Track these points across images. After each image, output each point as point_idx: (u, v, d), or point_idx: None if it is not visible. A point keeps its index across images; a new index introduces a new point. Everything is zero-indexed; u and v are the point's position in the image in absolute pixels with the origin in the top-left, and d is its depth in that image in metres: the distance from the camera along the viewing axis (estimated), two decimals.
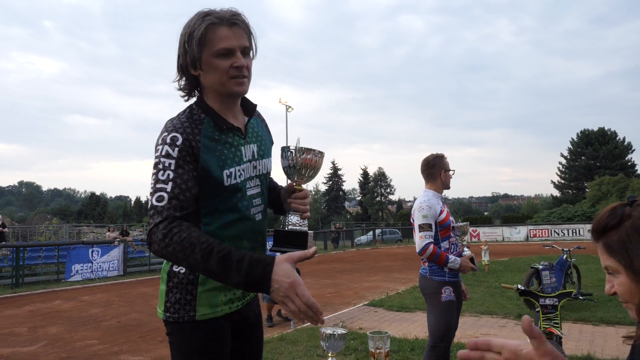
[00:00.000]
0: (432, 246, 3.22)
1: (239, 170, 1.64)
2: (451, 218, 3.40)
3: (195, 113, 1.62)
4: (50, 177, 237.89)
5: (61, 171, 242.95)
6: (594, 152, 52.79)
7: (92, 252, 14.25)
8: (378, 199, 63.76)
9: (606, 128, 54.07)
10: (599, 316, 6.90)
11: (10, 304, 9.94)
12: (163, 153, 1.52)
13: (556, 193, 57.54)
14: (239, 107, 1.74)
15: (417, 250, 3.27)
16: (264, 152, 1.79)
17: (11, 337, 6.98)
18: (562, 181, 56.20)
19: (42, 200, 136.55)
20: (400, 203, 73.39)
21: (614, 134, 53.52)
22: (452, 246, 3.36)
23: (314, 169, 1.71)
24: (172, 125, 1.57)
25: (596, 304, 7.21)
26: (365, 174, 65.38)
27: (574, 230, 31.12)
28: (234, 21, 1.58)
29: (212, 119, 1.62)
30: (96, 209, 70.57)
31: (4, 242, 16.33)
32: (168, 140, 1.53)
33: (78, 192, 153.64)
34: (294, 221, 1.70)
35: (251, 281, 1.30)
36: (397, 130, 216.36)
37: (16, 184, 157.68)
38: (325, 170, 66.39)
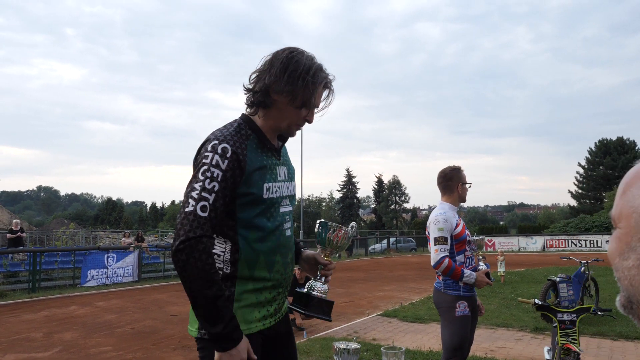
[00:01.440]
0: (447, 260, 3.18)
1: (275, 187, 1.74)
2: (467, 231, 3.36)
3: (243, 129, 1.72)
4: (68, 182, 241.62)
5: (79, 176, 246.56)
6: (612, 162, 52.00)
7: (108, 257, 14.37)
8: (392, 207, 63.51)
9: (625, 137, 53.34)
10: (617, 331, 6.75)
11: (27, 309, 10.06)
12: (213, 162, 1.58)
13: (573, 203, 56.76)
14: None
15: (432, 264, 3.24)
16: (291, 175, 1.92)
17: (27, 342, 7.06)
18: (580, 191, 55.43)
19: (59, 205, 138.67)
20: (414, 211, 72.99)
21: (633, 143, 52.71)
22: (468, 260, 3.31)
23: (346, 242, 1.95)
24: (222, 136, 1.65)
25: (615, 319, 7.05)
26: (379, 181, 65.22)
27: (592, 241, 30.57)
28: (329, 87, 1.78)
29: (257, 136, 1.73)
30: (112, 214, 71.44)
31: (21, 247, 16.58)
32: (219, 150, 1.60)
33: (95, 197, 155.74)
34: (322, 289, 1.91)
35: (222, 337, 1.53)
36: (413, 137, 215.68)
37: (35, 188, 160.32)
38: (339, 178, 66.32)
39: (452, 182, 3.43)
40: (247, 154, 1.65)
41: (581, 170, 55.54)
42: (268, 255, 1.71)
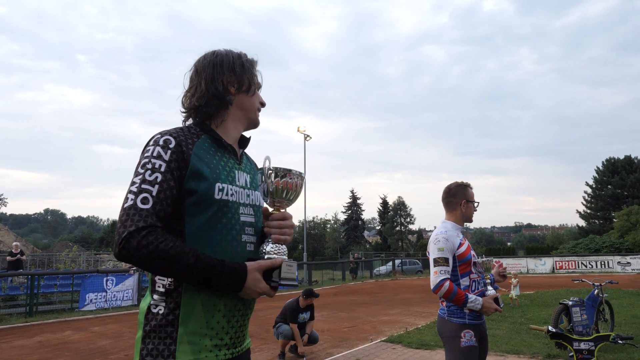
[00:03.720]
0: (447, 282, 2.88)
1: (231, 189, 1.53)
2: (472, 252, 3.07)
3: (193, 129, 1.56)
4: (76, 204, 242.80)
5: (86, 199, 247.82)
6: (620, 181, 51.40)
7: (107, 281, 14.10)
8: (398, 228, 62.92)
9: (633, 156, 52.81)
10: (637, 359, 6.37)
11: (22, 334, 9.77)
12: (154, 154, 1.44)
13: (582, 223, 55.92)
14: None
15: (432, 287, 2.93)
16: (256, 185, 1.69)
17: None
18: (588, 211, 54.67)
19: (66, 228, 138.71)
20: (420, 233, 72.37)
21: None
22: (474, 283, 3.01)
23: (294, 192, 1.58)
24: (166, 131, 1.52)
25: (637, 347, 6.67)
26: (384, 203, 64.77)
27: (603, 262, 29.94)
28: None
29: (210, 136, 1.57)
30: None
31: (20, 270, 16.32)
32: (161, 142, 1.46)
33: (101, 219, 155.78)
34: (267, 250, 1.53)
35: (229, 286, 1.41)
36: (418, 159, 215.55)
37: (42, 211, 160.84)
38: (344, 199, 65.97)
39: (455, 198, 3.16)
40: (193, 148, 1.48)
41: (589, 190, 54.90)
42: None
